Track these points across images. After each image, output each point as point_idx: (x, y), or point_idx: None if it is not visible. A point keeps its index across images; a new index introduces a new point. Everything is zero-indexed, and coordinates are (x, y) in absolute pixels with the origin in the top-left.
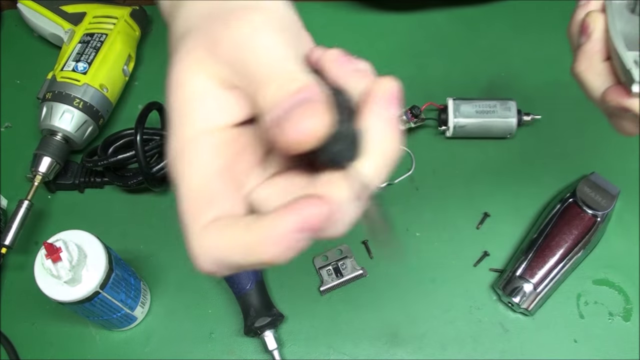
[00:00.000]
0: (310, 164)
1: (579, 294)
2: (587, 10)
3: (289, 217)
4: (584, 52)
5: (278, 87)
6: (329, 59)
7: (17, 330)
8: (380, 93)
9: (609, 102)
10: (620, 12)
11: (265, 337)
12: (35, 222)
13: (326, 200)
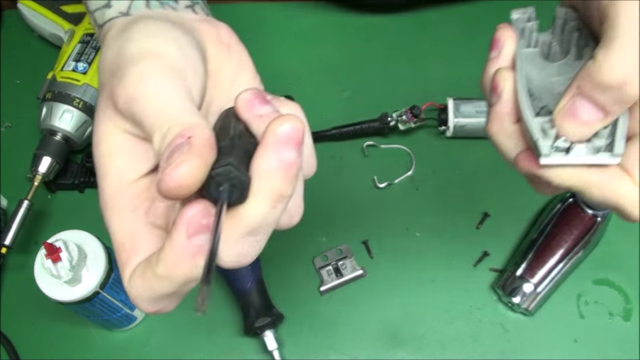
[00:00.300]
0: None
1: (579, 294)
2: (497, 65)
3: (176, 230)
4: (495, 113)
5: (161, 136)
6: (239, 102)
7: (17, 330)
8: (272, 136)
9: (520, 168)
10: (533, 61)
11: (265, 337)
12: (35, 222)
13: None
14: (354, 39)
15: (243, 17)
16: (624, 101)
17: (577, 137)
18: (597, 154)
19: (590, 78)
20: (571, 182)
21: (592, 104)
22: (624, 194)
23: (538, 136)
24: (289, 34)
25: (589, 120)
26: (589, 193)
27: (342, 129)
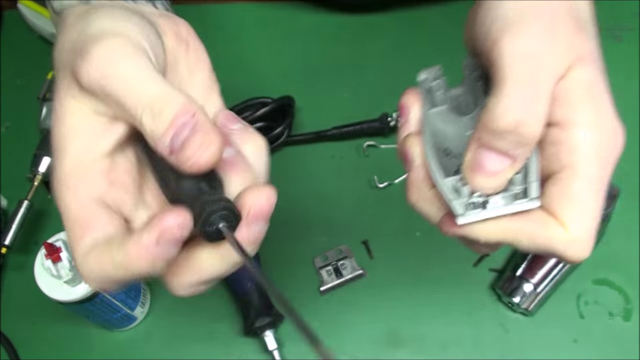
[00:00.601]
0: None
1: (579, 294)
2: (406, 132)
3: (149, 231)
4: (410, 181)
5: (152, 115)
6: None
7: (17, 330)
8: (249, 211)
9: (445, 233)
10: (445, 119)
11: (265, 337)
12: (35, 222)
13: (181, 212)
14: (354, 38)
15: (243, 17)
16: (524, 143)
17: (491, 189)
18: (514, 202)
19: (485, 127)
20: (498, 237)
21: (495, 152)
22: (552, 237)
23: (450, 197)
24: (289, 34)
25: (496, 170)
26: (519, 244)
27: (342, 129)
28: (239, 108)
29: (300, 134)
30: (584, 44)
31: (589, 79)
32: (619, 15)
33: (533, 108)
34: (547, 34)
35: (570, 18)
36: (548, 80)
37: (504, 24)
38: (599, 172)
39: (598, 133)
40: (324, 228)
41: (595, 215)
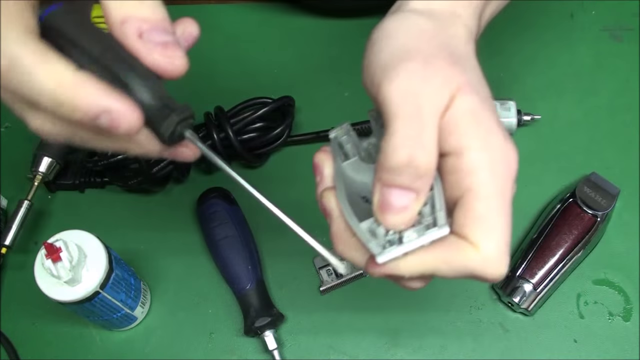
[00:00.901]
0: None
1: (579, 294)
2: (322, 187)
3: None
4: (334, 233)
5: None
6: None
7: (17, 330)
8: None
9: (372, 275)
10: (358, 169)
11: (265, 337)
12: (35, 222)
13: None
14: (354, 38)
15: (243, 17)
16: (421, 175)
17: (402, 224)
18: (425, 232)
19: (383, 167)
20: (419, 269)
21: (397, 189)
22: (467, 260)
23: (366, 238)
24: (289, 34)
25: (403, 205)
26: (440, 272)
27: None
28: (239, 108)
29: (300, 134)
30: (460, 75)
31: (472, 106)
32: (619, 15)
33: (420, 141)
34: (422, 72)
35: (445, 54)
36: (430, 113)
37: (383, 69)
38: (497, 189)
39: (489, 153)
40: (324, 228)
41: (503, 231)
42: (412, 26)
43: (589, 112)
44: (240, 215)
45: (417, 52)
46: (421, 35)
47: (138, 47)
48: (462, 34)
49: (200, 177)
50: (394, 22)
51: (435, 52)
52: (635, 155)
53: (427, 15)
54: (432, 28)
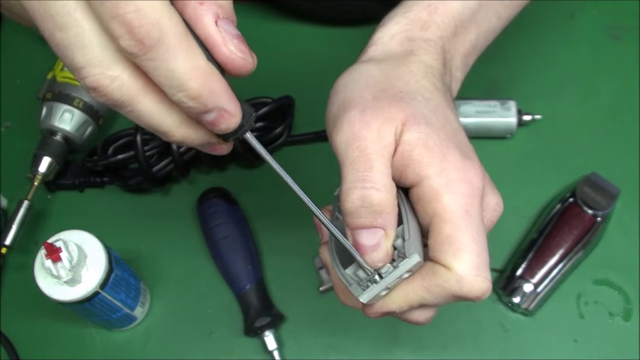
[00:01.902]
0: None
1: (579, 294)
2: (321, 236)
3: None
4: (334, 284)
5: None
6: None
7: (17, 330)
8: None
9: (369, 317)
10: None
11: (265, 337)
12: (35, 222)
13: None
14: (354, 39)
15: (243, 17)
16: (379, 211)
17: (379, 261)
18: (399, 265)
19: (344, 213)
20: (406, 301)
21: (363, 229)
22: (444, 282)
23: (349, 282)
24: (290, 34)
25: (373, 243)
26: (427, 301)
27: None
28: None
29: (300, 134)
30: (403, 110)
31: (421, 136)
32: (619, 15)
33: (370, 180)
34: (361, 117)
35: (388, 95)
36: (376, 152)
37: (331, 123)
38: (461, 209)
39: (446, 177)
40: None
41: (473, 248)
42: (359, 76)
43: (589, 112)
44: (240, 215)
45: (358, 100)
46: (367, 82)
47: (213, 34)
48: (416, 69)
49: (200, 177)
50: (344, 77)
51: (378, 94)
52: (635, 155)
53: (378, 61)
54: (380, 72)
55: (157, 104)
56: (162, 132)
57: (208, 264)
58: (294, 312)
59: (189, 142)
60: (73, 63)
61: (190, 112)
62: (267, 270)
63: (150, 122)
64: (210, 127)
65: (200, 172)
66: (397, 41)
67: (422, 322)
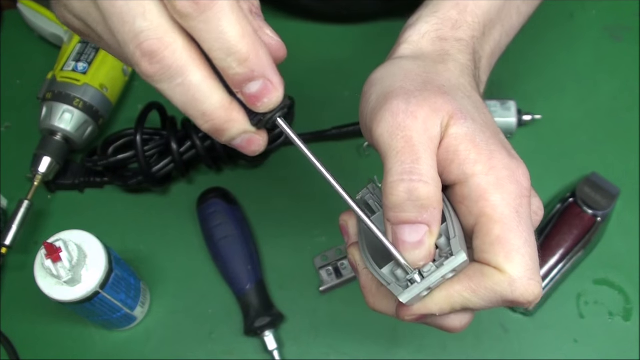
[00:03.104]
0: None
1: (579, 294)
2: (348, 239)
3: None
4: (363, 287)
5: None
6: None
7: (17, 330)
8: None
9: (403, 319)
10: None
11: (265, 337)
12: (35, 222)
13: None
14: (354, 39)
15: None
16: (425, 206)
17: (420, 260)
18: (443, 264)
19: (387, 207)
20: (448, 303)
21: (406, 225)
22: (494, 285)
23: (388, 281)
24: (290, 34)
25: (416, 240)
26: (471, 304)
27: (342, 129)
28: None
29: (301, 134)
30: (450, 104)
31: (467, 131)
32: (619, 15)
33: (417, 172)
34: (406, 107)
35: (432, 87)
36: (422, 143)
37: (371, 115)
38: (511, 209)
39: (495, 174)
40: (324, 228)
41: (525, 250)
42: (397, 70)
43: (589, 112)
44: (240, 215)
45: (401, 90)
46: (406, 76)
47: (251, 21)
48: (453, 68)
49: (200, 177)
50: (380, 71)
51: (421, 87)
52: (635, 155)
53: (413, 58)
54: (417, 68)
55: (205, 79)
56: (202, 112)
57: (208, 264)
58: (294, 312)
59: (225, 127)
60: (134, 28)
61: (236, 80)
62: (267, 270)
63: (196, 97)
64: (253, 101)
65: (200, 172)
66: (429, 40)
67: (457, 328)
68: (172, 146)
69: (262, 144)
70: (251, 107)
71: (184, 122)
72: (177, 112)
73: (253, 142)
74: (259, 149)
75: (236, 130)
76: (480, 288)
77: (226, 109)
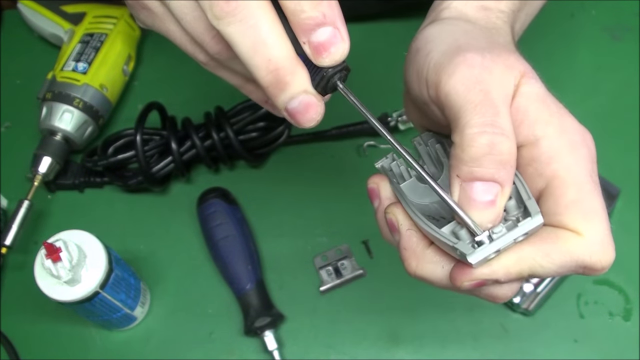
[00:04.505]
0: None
1: (579, 294)
2: (383, 208)
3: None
4: (404, 249)
5: None
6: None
7: (17, 330)
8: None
9: (460, 285)
10: (415, 191)
11: (265, 337)
12: (35, 222)
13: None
14: (354, 39)
15: None
16: (504, 162)
17: (490, 221)
18: (518, 225)
19: (462, 161)
20: (516, 269)
21: (480, 182)
22: (571, 248)
23: (455, 241)
24: None
25: (488, 199)
26: (540, 269)
27: (342, 129)
28: (239, 108)
29: (300, 134)
30: (520, 62)
31: (539, 91)
32: (619, 15)
33: (498, 125)
34: (482, 61)
35: (499, 46)
36: (500, 98)
37: (437, 68)
38: (585, 172)
39: (567, 137)
40: (324, 228)
41: (602, 213)
42: (455, 28)
43: (589, 112)
44: (240, 215)
45: (470, 46)
46: (468, 33)
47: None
48: (504, 34)
49: (200, 177)
50: (434, 29)
51: (488, 45)
52: (635, 155)
53: (464, 21)
54: (474, 28)
55: (275, 24)
56: (269, 58)
57: (208, 264)
58: (294, 312)
59: (288, 79)
60: None
61: (306, 24)
62: (267, 270)
63: (265, 42)
64: (320, 51)
65: (200, 172)
66: (473, 8)
67: (506, 297)
68: (172, 146)
69: (320, 112)
70: (316, 58)
71: (184, 122)
72: (177, 112)
73: (311, 108)
74: (317, 117)
75: (298, 86)
76: (554, 251)
77: (292, 60)
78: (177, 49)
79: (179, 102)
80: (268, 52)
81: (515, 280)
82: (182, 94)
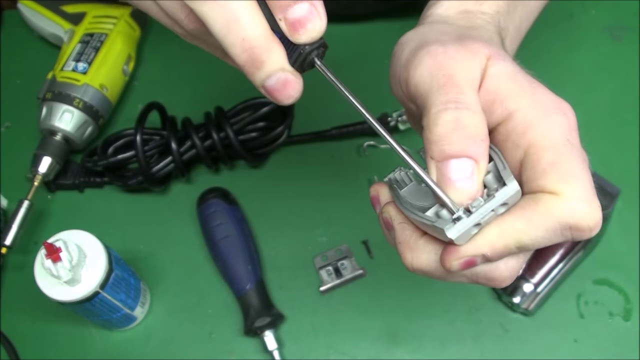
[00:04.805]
0: None
1: (579, 294)
2: (380, 208)
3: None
4: (399, 243)
5: None
6: None
7: (17, 330)
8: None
9: (449, 266)
10: (417, 194)
11: (265, 337)
12: (35, 222)
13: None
14: (354, 39)
15: None
16: (473, 136)
17: (468, 198)
18: (495, 195)
19: (431, 142)
20: (502, 240)
21: (453, 159)
22: (554, 211)
23: (434, 219)
24: None
25: (464, 175)
26: (527, 238)
27: (342, 129)
28: (239, 108)
29: (300, 134)
30: (487, 47)
31: (507, 69)
32: (619, 15)
33: (462, 101)
34: (444, 50)
35: (467, 37)
36: (464, 78)
37: (405, 65)
38: (561, 136)
39: (540, 106)
40: (324, 228)
41: (582, 173)
42: (429, 29)
43: (589, 112)
44: (240, 215)
45: (435, 40)
46: (440, 31)
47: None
48: (484, 31)
49: (200, 177)
50: (410, 32)
51: (455, 38)
52: (635, 155)
53: (443, 23)
54: (450, 28)
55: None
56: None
57: (208, 264)
58: (294, 312)
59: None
60: None
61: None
62: (267, 270)
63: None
64: (296, 27)
65: (200, 172)
66: (454, 13)
67: (506, 278)
68: (172, 146)
69: (298, 89)
70: (292, 35)
71: (184, 122)
72: (177, 112)
73: (288, 85)
74: (295, 94)
75: (275, 64)
76: (535, 216)
77: (267, 38)
78: (177, 49)
79: (179, 102)
80: (242, 30)
81: (503, 254)
82: (182, 94)
